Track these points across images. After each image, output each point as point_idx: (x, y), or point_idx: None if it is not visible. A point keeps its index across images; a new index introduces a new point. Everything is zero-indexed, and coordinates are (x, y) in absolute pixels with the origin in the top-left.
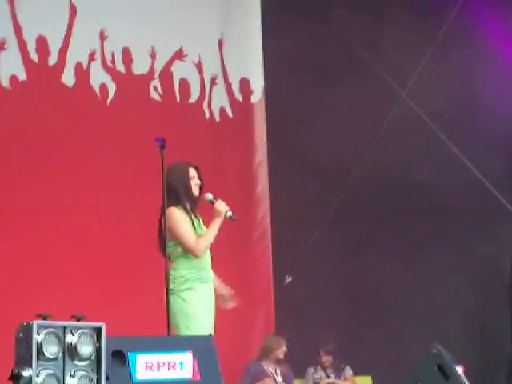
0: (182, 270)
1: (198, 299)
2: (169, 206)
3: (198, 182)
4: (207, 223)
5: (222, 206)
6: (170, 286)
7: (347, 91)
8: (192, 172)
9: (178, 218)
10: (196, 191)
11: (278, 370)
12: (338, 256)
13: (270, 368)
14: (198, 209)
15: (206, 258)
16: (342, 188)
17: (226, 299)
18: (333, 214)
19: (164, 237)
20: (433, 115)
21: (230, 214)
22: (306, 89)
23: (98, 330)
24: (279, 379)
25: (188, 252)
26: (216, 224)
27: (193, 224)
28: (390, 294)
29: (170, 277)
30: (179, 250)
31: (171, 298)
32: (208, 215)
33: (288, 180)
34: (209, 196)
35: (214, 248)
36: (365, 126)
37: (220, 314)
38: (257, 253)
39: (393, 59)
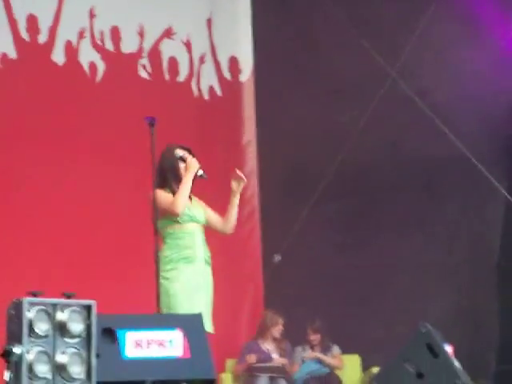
0: (166, 250)
1: (180, 279)
2: (157, 187)
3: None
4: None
5: (193, 162)
6: (159, 267)
7: (337, 67)
8: (181, 152)
9: (161, 196)
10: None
11: (274, 347)
12: (326, 234)
13: (266, 346)
14: (193, 190)
15: (194, 238)
16: (331, 165)
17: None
18: (321, 191)
19: (154, 218)
20: (422, 93)
21: (200, 172)
22: (295, 67)
23: (88, 308)
24: (275, 357)
25: (169, 213)
26: (187, 178)
27: None
28: (379, 272)
29: (159, 258)
30: (167, 230)
31: (159, 279)
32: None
33: (276, 158)
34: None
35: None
36: (354, 102)
37: None
38: (245, 231)
39: (383, 36)
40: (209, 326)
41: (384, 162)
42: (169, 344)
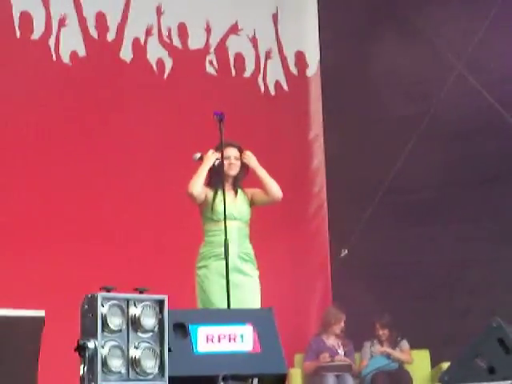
0: (202, 247)
1: (210, 277)
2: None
3: (234, 162)
4: None
5: (211, 155)
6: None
7: (403, 62)
8: (227, 152)
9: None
10: (229, 170)
11: (339, 344)
12: (394, 228)
13: (330, 342)
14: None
15: (229, 235)
16: (399, 159)
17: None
18: (389, 185)
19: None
20: (490, 87)
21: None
22: (362, 61)
23: (161, 302)
24: (341, 353)
25: (189, 197)
26: (203, 165)
27: (214, 198)
28: (449, 266)
29: None
30: (204, 227)
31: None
32: None
33: (344, 153)
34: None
35: (270, 222)
36: (421, 97)
37: (279, 288)
38: (313, 226)
39: (450, 30)
40: None
41: (452, 157)
42: (240, 339)
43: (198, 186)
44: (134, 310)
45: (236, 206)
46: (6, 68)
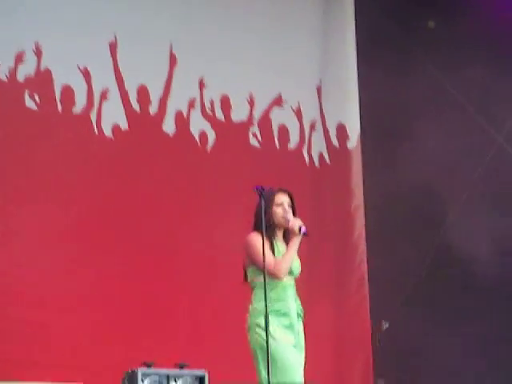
0: (257, 302)
1: (274, 334)
2: (253, 230)
3: (287, 208)
4: None
5: (296, 222)
6: (247, 321)
7: (442, 134)
8: (279, 199)
9: (253, 240)
10: (280, 218)
11: None
12: (436, 302)
13: None
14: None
15: (286, 290)
16: (439, 233)
17: None
18: (431, 259)
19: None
20: None
21: (302, 229)
22: (400, 133)
23: (201, 379)
24: None
25: (268, 273)
26: (293, 242)
27: (273, 250)
28: (487, 343)
29: (249, 311)
30: (256, 281)
31: (248, 334)
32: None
33: (386, 224)
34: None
35: (313, 294)
36: (461, 171)
37: (319, 361)
38: (355, 299)
39: (488, 102)
40: None
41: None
42: None
43: (287, 271)
44: None
45: (294, 261)
46: (48, 142)
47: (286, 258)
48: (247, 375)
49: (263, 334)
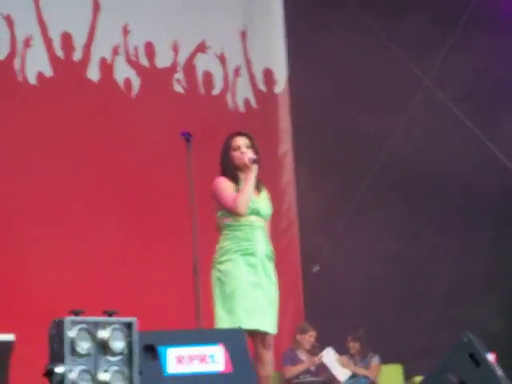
0: (223, 242)
1: (236, 273)
2: (220, 175)
3: (245, 150)
4: None
5: (246, 156)
6: (212, 259)
7: (371, 78)
8: (236, 142)
9: (220, 183)
10: (241, 160)
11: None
12: (364, 243)
13: (303, 357)
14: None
15: (254, 231)
16: (367, 176)
17: None
18: (358, 201)
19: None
20: (457, 101)
21: (250, 158)
22: (329, 78)
23: (129, 325)
24: (313, 368)
25: (231, 210)
26: (248, 176)
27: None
28: (419, 280)
29: (215, 250)
30: (225, 221)
31: (211, 272)
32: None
33: (313, 169)
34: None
35: None
36: (389, 114)
37: None
38: (283, 243)
39: (416, 47)
40: (273, 327)
41: (419, 172)
42: (210, 359)
43: (246, 205)
44: (102, 334)
45: (259, 202)
46: None
47: (244, 191)
48: (177, 323)
49: (223, 271)
